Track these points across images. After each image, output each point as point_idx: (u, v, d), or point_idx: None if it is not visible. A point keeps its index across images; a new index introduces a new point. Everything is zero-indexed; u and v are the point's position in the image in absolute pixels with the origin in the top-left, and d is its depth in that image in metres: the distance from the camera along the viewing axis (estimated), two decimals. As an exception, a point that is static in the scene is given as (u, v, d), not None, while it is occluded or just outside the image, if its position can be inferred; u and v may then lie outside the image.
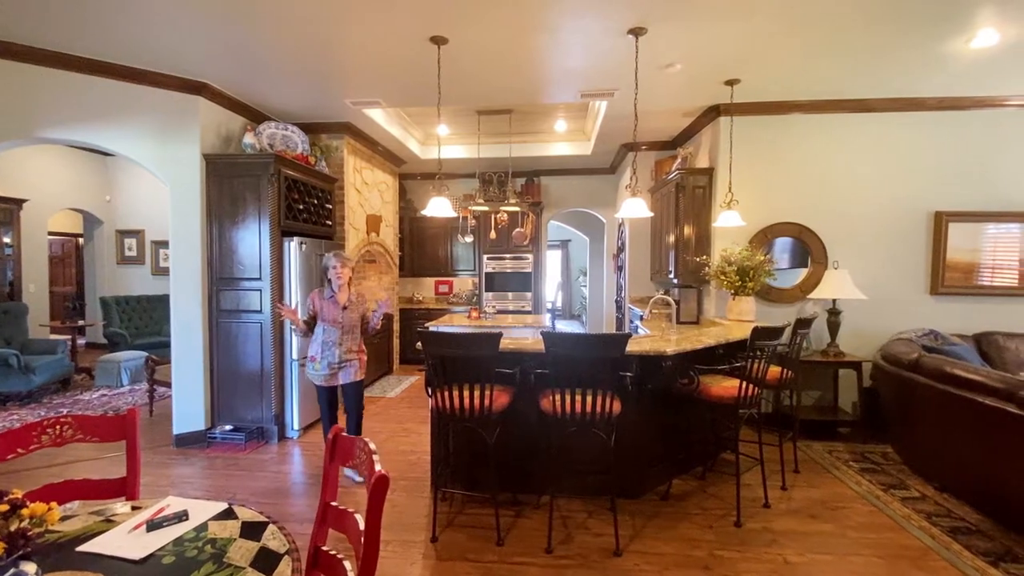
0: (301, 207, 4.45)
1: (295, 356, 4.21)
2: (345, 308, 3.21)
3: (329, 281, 3.25)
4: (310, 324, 3.28)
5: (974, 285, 4.35)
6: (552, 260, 13.46)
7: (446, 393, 2.50)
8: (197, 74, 3.86)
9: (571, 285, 13.40)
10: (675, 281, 4.83)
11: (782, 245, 4.55)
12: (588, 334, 2.48)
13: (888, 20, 3.00)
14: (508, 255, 7.40)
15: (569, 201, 7.68)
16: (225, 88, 4.13)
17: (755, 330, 2.64)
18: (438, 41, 3.20)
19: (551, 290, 12.37)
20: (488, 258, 7.36)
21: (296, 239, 4.20)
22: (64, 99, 3.68)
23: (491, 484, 2.69)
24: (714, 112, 4.54)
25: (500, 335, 2.40)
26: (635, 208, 3.08)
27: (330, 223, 4.97)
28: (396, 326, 6.84)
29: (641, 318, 5.07)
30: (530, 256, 7.36)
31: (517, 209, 5.58)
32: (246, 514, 1.38)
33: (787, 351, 3.24)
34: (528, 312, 7.28)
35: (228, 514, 1.38)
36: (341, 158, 5.18)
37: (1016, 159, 4.30)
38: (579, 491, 2.96)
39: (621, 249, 6.65)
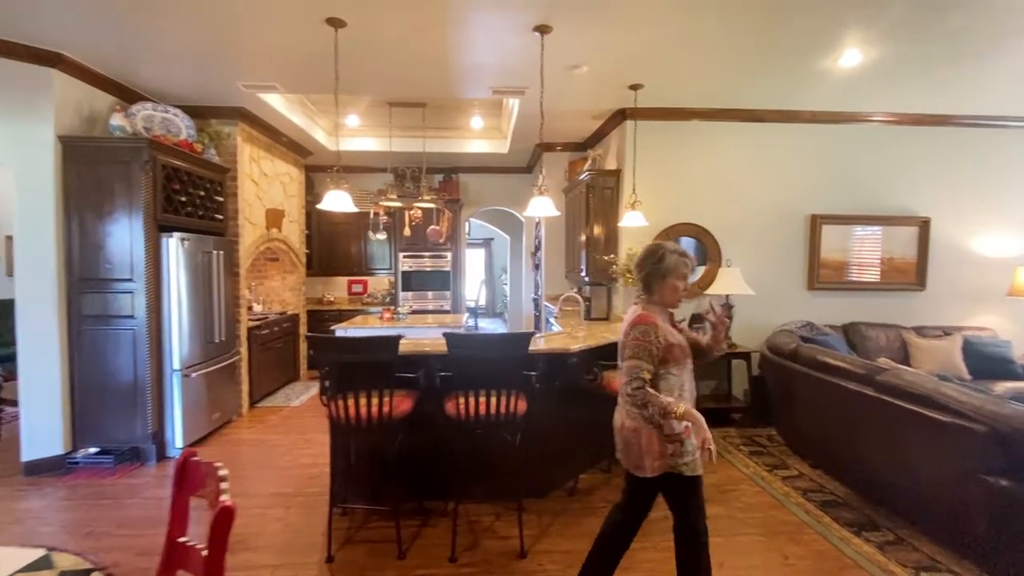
0: (184, 199, 4.00)
1: (177, 365, 3.78)
2: (681, 330, 1.99)
3: (668, 290, 1.89)
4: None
5: (844, 281, 4.87)
6: (476, 258, 13.40)
7: (342, 402, 2.33)
8: (51, 43, 3.32)
9: (495, 283, 13.42)
10: (586, 279, 4.95)
11: (684, 244, 4.81)
12: (491, 334, 2.43)
13: (770, 37, 3.24)
14: (427, 253, 7.20)
15: (488, 199, 7.64)
16: (87, 61, 3.60)
17: (653, 326, 2.74)
18: (335, 23, 2.99)
19: (474, 288, 12.33)
20: (405, 256, 7.12)
21: (177, 235, 3.77)
22: None
23: (393, 495, 2.56)
24: (620, 116, 4.70)
25: (399, 338, 2.28)
26: (542, 207, 3.07)
27: (221, 217, 4.52)
28: (303, 329, 6.41)
29: (555, 316, 5.14)
30: (449, 254, 7.22)
31: (432, 206, 5.43)
32: (67, 561, 1.16)
33: (685, 345, 3.41)
34: (447, 312, 7.15)
35: (44, 563, 1.16)
36: (234, 146, 4.73)
37: (876, 169, 4.87)
38: (488, 494, 2.90)
39: (538, 248, 6.72)
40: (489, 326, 11.47)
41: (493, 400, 2.33)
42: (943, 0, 2.77)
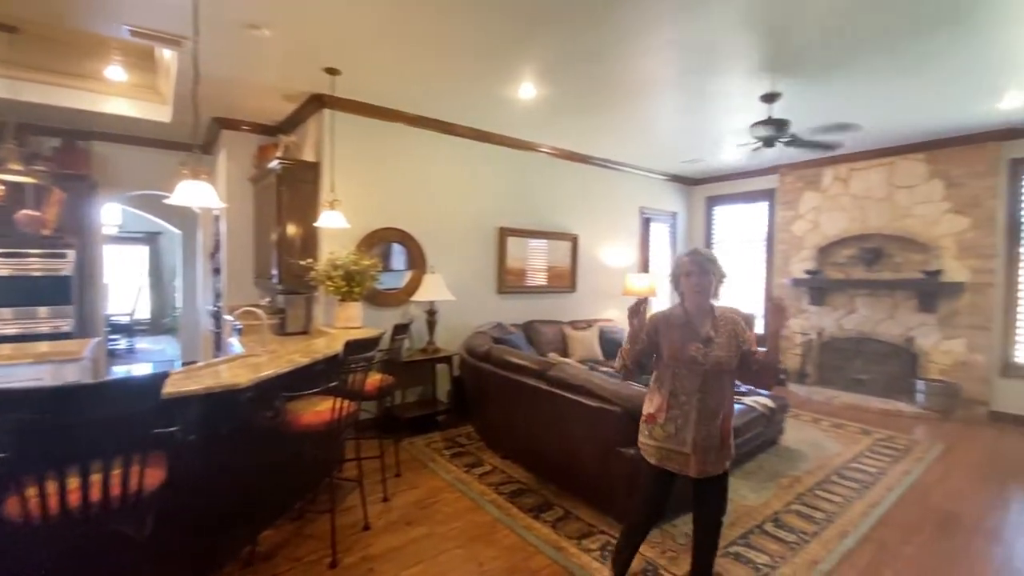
0: None
1: None
2: (711, 339, 1.98)
3: (684, 290, 2.05)
4: (640, 360, 2.06)
5: (524, 285, 5.65)
6: (138, 257, 10.25)
7: None
8: None
9: (165, 291, 10.55)
10: (280, 287, 4.24)
11: (390, 249, 4.66)
12: (85, 385, 1.62)
13: (456, 52, 3.34)
14: (35, 250, 4.89)
15: (142, 181, 5.81)
16: None
17: (347, 344, 2.41)
18: None
19: (129, 298, 9.37)
20: (-19, 253, 4.67)
21: None
22: None
23: None
24: (318, 102, 4.19)
25: None
26: (194, 195, 2.32)
27: None
28: None
29: (239, 332, 4.22)
30: (71, 252, 5.12)
31: (27, 179, 3.67)
32: None
33: (388, 356, 3.22)
34: (70, 335, 5.05)
35: None
36: None
37: (543, 193, 5.81)
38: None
39: (218, 248, 5.48)
40: (153, 347, 8.94)
41: (98, 481, 1.55)
42: (577, 54, 3.38)
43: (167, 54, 3.96)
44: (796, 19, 2.89)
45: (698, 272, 1.97)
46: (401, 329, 3.28)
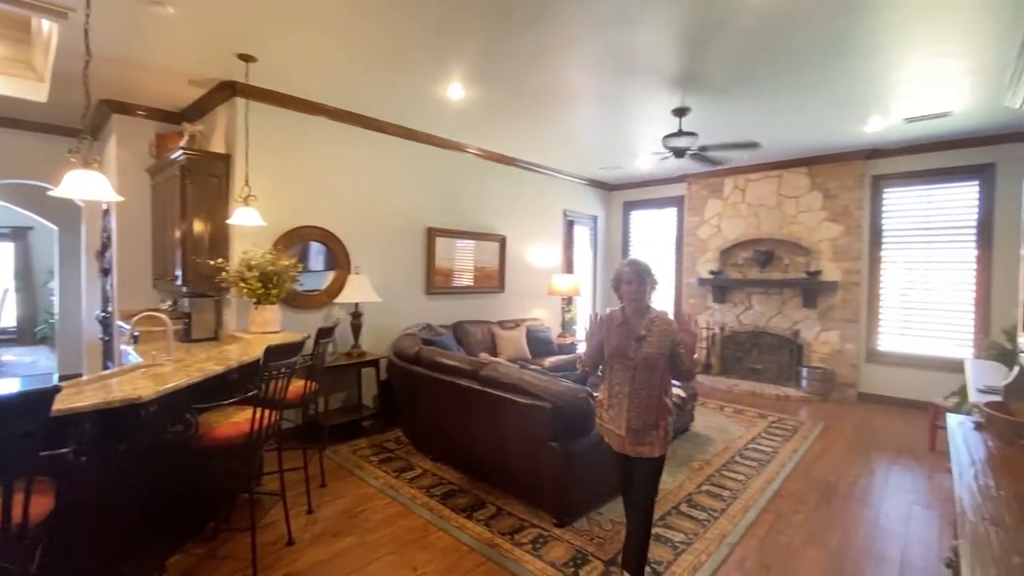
0: None
1: None
2: (643, 337, 2.18)
3: (621, 299, 2.30)
4: (596, 360, 2.35)
5: (452, 286, 5.63)
6: (2, 256, 8.82)
7: None
8: None
9: (37, 294, 9.20)
10: (184, 289, 3.88)
11: (310, 249, 4.44)
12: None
13: (382, 43, 3.24)
14: None
15: (10, 168, 5.06)
16: None
17: (268, 351, 2.28)
18: None
19: (-13, 301, 8.06)
20: None
21: None
22: None
23: None
24: (230, 90, 3.90)
25: None
26: (83, 185, 2.07)
27: None
28: None
29: (135, 340, 3.82)
30: (-88, 248, 4.33)
31: None
32: None
33: (311, 362, 3.08)
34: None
35: None
36: None
37: (471, 193, 5.84)
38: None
39: (107, 245, 4.90)
40: (22, 359, 7.78)
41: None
42: (505, 58, 3.47)
43: (46, 25, 3.47)
44: (705, 45, 3.16)
45: (637, 281, 2.22)
46: (326, 333, 3.14)
